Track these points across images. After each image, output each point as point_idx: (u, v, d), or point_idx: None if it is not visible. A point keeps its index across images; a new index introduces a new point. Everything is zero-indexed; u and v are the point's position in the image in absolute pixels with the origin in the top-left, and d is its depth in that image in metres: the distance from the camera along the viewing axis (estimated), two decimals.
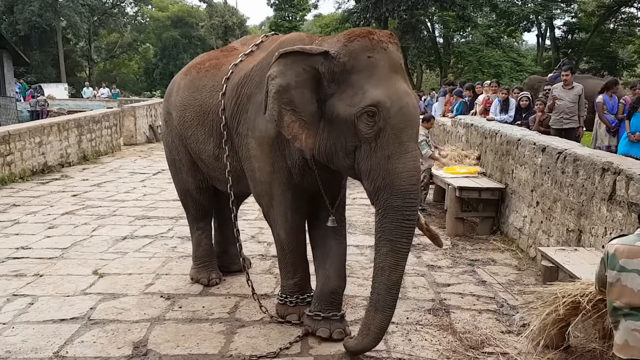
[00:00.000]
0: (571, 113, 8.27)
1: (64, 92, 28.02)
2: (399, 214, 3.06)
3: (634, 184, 3.88)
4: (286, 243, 3.77)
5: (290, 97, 3.19)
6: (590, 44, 30.62)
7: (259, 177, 3.71)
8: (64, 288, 4.56)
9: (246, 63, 3.86)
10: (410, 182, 3.05)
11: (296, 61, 3.19)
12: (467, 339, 3.75)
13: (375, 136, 3.03)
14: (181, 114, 4.32)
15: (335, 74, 3.12)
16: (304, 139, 3.22)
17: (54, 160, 10.53)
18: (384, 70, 3.07)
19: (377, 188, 3.09)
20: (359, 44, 3.10)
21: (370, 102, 3.00)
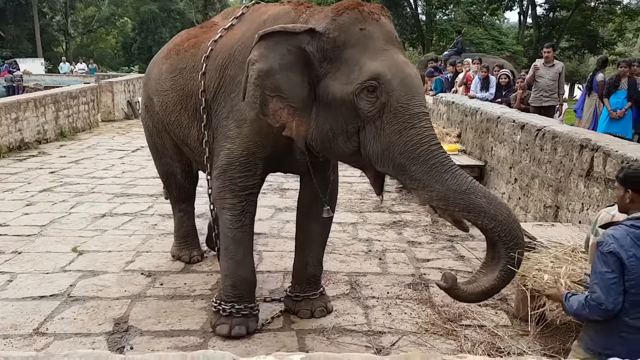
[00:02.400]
0: (551, 91, 8.34)
1: (40, 67, 27.36)
2: (441, 168, 2.68)
3: (611, 160, 3.95)
4: (232, 233, 3.41)
5: (275, 82, 2.90)
6: (571, 22, 30.72)
7: (224, 157, 3.37)
8: (43, 265, 4.52)
9: (227, 39, 3.53)
10: (433, 142, 2.73)
11: (279, 42, 2.89)
12: (446, 312, 3.83)
13: (379, 113, 2.75)
14: (163, 100, 4.05)
15: (327, 52, 2.85)
16: (295, 127, 2.94)
17: (31, 137, 10.33)
18: (379, 42, 2.82)
19: (400, 166, 2.75)
20: (349, 17, 2.85)
21: (368, 76, 2.73)
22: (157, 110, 4.20)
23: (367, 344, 3.41)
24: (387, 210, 6.45)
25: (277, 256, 4.85)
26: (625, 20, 31.65)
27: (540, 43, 27.38)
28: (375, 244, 5.24)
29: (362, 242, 5.31)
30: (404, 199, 7.06)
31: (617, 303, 2.13)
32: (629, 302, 2.14)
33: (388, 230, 5.73)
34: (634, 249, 2.12)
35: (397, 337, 3.49)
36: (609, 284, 2.13)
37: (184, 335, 3.47)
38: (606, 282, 2.14)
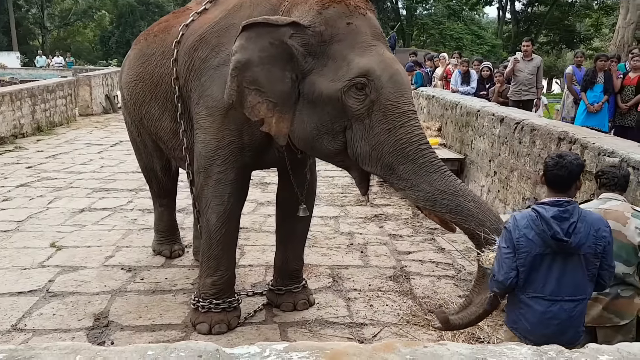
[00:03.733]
0: (530, 85, 8.42)
1: (15, 60, 26.86)
2: (430, 167, 2.63)
3: (589, 152, 4.01)
4: (215, 230, 3.30)
5: (254, 75, 2.80)
6: (549, 17, 31.13)
7: (202, 150, 3.24)
8: (21, 261, 4.45)
9: (199, 23, 3.35)
10: (423, 142, 2.68)
11: (261, 34, 2.77)
12: (426, 303, 3.87)
13: (367, 111, 2.66)
14: (132, 91, 3.87)
15: (312, 47, 2.73)
16: (275, 123, 2.83)
17: (7, 132, 10.13)
18: (367, 38, 2.74)
19: (389, 165, 2.69)
20: (335, 10, 2.74)
21: (357, 72, 2.64)
22: (129, 104, 4.05)
23: (349, 335, 3.43)
24: (369, 204, 6.47)
25: (259, 250, 4.84)
26: (601, 16, 32.14)
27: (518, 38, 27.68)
28: (357, 237, 5.26)
29: (344, 235, 5.33)
30: (385, 192, 7.09)
31: (508, 277, 2.26)
32: (522, 280, 2.27)
33: (369, 223, 5.76)
34: (526, 230, 2.23)
35: (378, 328, 3.51)
36: (503, 258, 2.28)
37: (165, 329, 3.45)
38: (501, 256, 2.30)
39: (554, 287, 2.23)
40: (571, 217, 2.20)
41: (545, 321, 2.26)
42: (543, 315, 2.26)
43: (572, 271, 2.23)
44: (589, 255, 2.22)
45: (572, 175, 2.27)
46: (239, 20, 3.05)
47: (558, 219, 2.20)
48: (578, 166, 2.29)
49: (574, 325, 2.28)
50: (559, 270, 2.24)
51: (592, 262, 2.24)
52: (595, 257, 2.24)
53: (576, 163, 2.28)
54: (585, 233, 2.20)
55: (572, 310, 2.25)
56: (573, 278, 2.24)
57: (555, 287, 2.23)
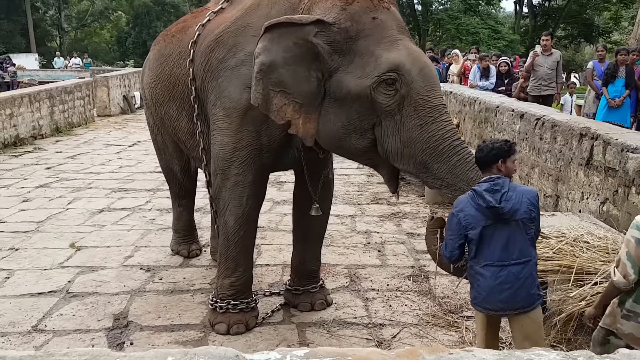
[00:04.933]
0: (549, 80, 8.28)
1: (34, 62, 27.18)
2: (465, 166, 2.63)
3: (611, 148, 3.93)
4: (233, 232, 3.28)
5: (279, 77, 2.76)
6: (567, 10, 30.65)
7: (219, 152, 3.21)
8: (41, 261, 4.49)
9: (216, 22, 3.32)
10: (455, 138, 2.67)
11: (284, 34, 2.73)
12: (446, 303, 3.82)
13: (398, 106, 2.63)
14: (152, 91, 3.89)
15: (338, 44, 2.68)
16: (302, 124, 2.80)
17: (26, 133, 10.26)
18: (393, 32, 2.70)
19: (423, 163, 2.66)
20: (359, 6, 2.70)
21: (387, 67, 2.60)
22: (150, 104, 4.07)
23: (367, 336, 3.39)
24: (385, 202, 6.42)
25: (276, 249, 4.82)
26: (620, 9, 31.57)
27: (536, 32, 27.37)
28: (374, 236, 5.22)
29: (361, 234, 5.30)
30: (402, 190, 7.03)
31: (452, 255, 2.55)
32: (474, 252, 2.50)
33: (386, 222, 5.71)
34: (467, 209, 2.47)
35: (398, 329, 3.47)
36: (448, 238, 2.57)
37: (184, 329, 3.45)
38: (447, 236, 2.58)
39: (500, 253, 2.45)
40: (502, 189, 2.45)
41: (497, 287, 2.46)
42: (495, 281, 2.46)
43: (514, 236, 2.46)
44: (525, 220, 2.46)
45: (488, 157, 2.52)
46: (257, 19, 3.04)
47: (490, 191, 2.45)
48: (494, 149, 2.52)
49: (525, 286, 2.45)
50: (502, 238, 2.46)
51: (529, 226, 2.47)
52: (531, 221, 2.47)
53: (492, 147, 2.53)
54: (517, 200, 2.44)
55: (520, 272, 2.45)
56: (516, 243, 2.46)
57: (502, 253, 2.45)
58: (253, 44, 2.92)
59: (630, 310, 2.31)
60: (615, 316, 2.38)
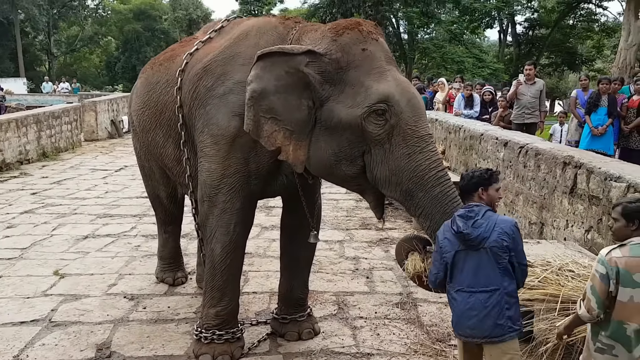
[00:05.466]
0: (532, 108, 8.43)
1: (22, 86, 27.15)
2: (444, 198, 2.69)
3: (595, 177, 3.98)
4: (219, 260, 3.24)
5: (270, 104, 2.82)
6: (550, 39, 31.34)
7: (207, 179, 3.21)
8: (24, 289, 4.41)
9: (204, 51, 3.37)
10: (440, 168, 2.74)
11: (276, 63, 2.80)
12: (434, 331, 3.80)
13: (387, 136, 2.70)
14: (139, 118, 3.91)
15: (329, 74, 2.76)
16: (292, 151, 2.84)
17: (12, 158, 10.18)
18: (382, 63, 2.78)
19: (408, 191, 2.72)
20: (349, 37, 2.78)
21: (377, 98, 2.67)
22: (138, 131, 4.08)
23: None
24: (374, 228, 6.43)
25: (264, 276, 4.79)
26: (603, 38, 32.38)
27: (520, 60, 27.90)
28: (363, 262, 5.21)
29: (349, 260, 5.28)
30: (390, 215, 7.05)
31: (436, 277, 2.61)
32: (449, 277, 2.56)
33: (375, 247, 5.71)
34: (446, 233, 2.55)
35: (386, 358, 3.44)
36: (433, 261, 2.66)
37: None
38: (432, 259, 2.67)
39: (470, 280, 2.49)
40: (476, 216, 2.50)
41: (466, 312, 2.49)
42: (465, 306, 2.50)
43: (484, 264, 2.47)
44: (496, 248, 2.45)
45: (469, 185, 2.61)
46: (245, 48, 3.09)
47: (464, 217, 2.51)
48: (475, 177, 2.61)
49: (492, 316, 2.45)
50: (473, 264, 2.49)
51: (500, 255, 2.45)
52: (502, 250, 2.45)
53: (472, 175, 2.63)
54: (487, 228, 2.46)
55: (487, 300, 2.45)
56: (485, 270, 2.47)
57: (472, 280, 2.49)
58: (241, 72, 2.97)
59: (605, 344, 2.30)
60: (590, 350, 2.38)
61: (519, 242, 2.52)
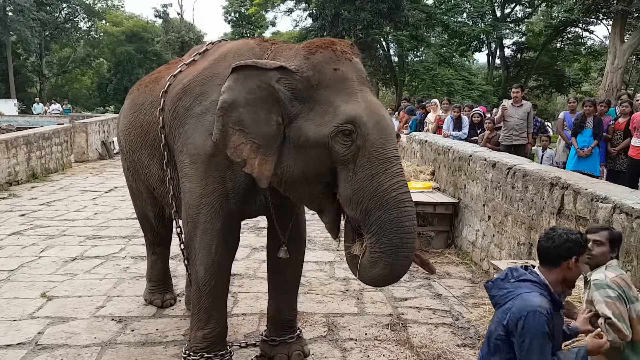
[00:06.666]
0: (520, 130, 8.54)
1: (13, 108, 27.10)
2: (399, 227, 2.65)
3: (581, 198, 4.03)
4: (204, 282, 3.23)
5: (239, 116, 2.83)
6: (538, 62, 31.84)
7: (188, 200, 3.22)
8: (10, 312, 4.36)
9: (186, 73, 3.44)
10: (401, 191, 2.68)
11: (248, 76, 2.83)
12: (424, 353, 3.79)
13: (353, 156, 2.69)
14: (126, 138, 3.98)
15: (299, 91, 2.77)
16: (257, 165, 2.83)
17: (1, 179, 10.12)
18: (353, 83, 2.77)
19: (366, 210, 2.69)
20: (322, 56, 2.79)
21: (344, 119, 2.67)
22: (125, 151, 4.14)
23: None
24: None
25: (253, 298, 4.77)
26: (590, 61, 32.96)
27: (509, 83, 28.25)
28: (353, 283, 5.20)
29: (339, 281, 5.28)
30: None
31: None
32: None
33: None
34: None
35: None
36: None
37: None
38: None
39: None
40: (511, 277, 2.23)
41: None
42: None
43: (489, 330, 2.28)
44: (493, 326, 2.23)
45: (559, 250, 2.17)
46: (223, 69, 3.12)
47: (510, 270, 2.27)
48: (569, 242, 2.15)
49: None
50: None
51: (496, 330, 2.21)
52: (499, 325, 2.19)
53: (566, 238, 2.17)
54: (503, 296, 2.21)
55: None
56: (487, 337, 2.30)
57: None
58: (218, 92, 2.98)
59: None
60: None
61: (525, 336, 2.09)
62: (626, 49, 17.09)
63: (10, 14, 34.28)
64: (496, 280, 2.26)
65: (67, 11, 41.72)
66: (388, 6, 24.56)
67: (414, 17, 26.38)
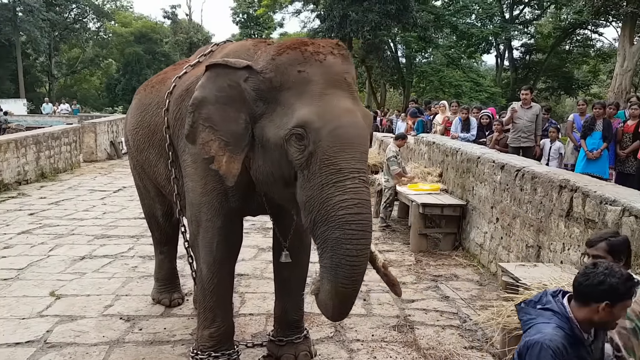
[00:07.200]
0: (529, 132, 8.51)
1: (22, 108, 27.30)
2: (338, 248, 2.50)
3: (590, 200, 4.01)
4: (207, 281, 3.26)
5: (209, 113, 2.83)
6: (547, 64, 31.72)
7: (191, 199, 3.26)
8: (19, 310, 4.40)
9: (190, 74, 3.47)
10: (350, 210, 2.50)
11: (220, 75, 2.84)
12: (432, 355, 3.79)
13: (307, 162, 2.58)
14: (134, 138, 4.06)
15: (263, 92, 2.73)
16: (225, 162, 2.82)
17: (11, 178, 10.20)
18: (318, 86, 2.63)
19: (314, 221, 2.58)
20: (288, 57, 2.68)
21: (296, 122, 2.57)
22: (132, 150, 4.20)
23: None
24: None
25: (260, 298, 4.78)
26: (599, 63, 32.78)
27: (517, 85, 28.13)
28: None
29: None
30: (387, 238, 7.06)
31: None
32: None
33: (372, 270, 5.66)
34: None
35: None
36: None
37: None
38: None
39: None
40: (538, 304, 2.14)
41: None
42: None
43: None
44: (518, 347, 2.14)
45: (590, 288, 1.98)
46: None
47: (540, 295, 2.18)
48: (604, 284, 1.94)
49: None
50: None
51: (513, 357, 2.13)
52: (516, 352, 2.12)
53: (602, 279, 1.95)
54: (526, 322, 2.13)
55: None
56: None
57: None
58: None
59: None
60: None
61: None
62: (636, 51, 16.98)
63: (20, 14, 34.53)
64: (528, 302, 2.16)
65: (77, 12, 41.98)
66: (396, 7, 24.47)
67: (422, 19, 26.29)
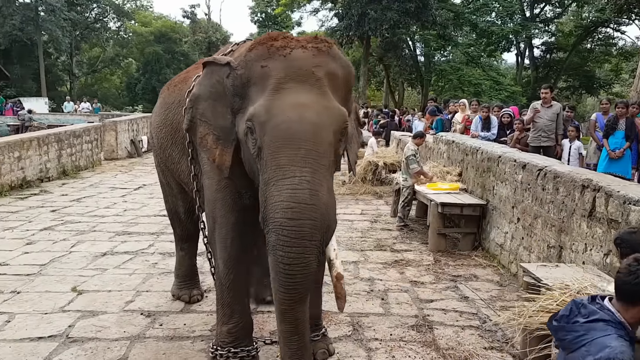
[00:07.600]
0: (549, 131, 8.39)
1: (44, 106, 27.67)
2: (273, 253, 2.50)
3: (613, 200, 3.94)
4: (224, 276, 3.30)
5: (203, 108, 3.04)
6: (568, 63, 31.32)
7: (207, 195, 3.35)
8: (42, 305, 4.47)
9: None
10: (285, 214, 2.44)
11: (213, 72, 3.02)
12: (451, 355, 3.76)
13: (257, 156, 2.65)
14: (157, 135, 4.18)
15: (237, 88, 2.83)
16: (218, 155, 2.97)
17: (33, 175, 10.37)
18: (276, 81, 2.63)
19: (262, 219, 2.59)
20: (255, 53, 2.74)
21: (248, 116, 2.68)
22: (157, 148, 4.31)
23: None
24: (389, 249, 6.41)
25: None
26: (621, 62, 32.26)
27: (538, 83, 27.82)
28: (377, 284, 5.19)
29: (364, 281, 5.26)
30: (405, 237, 7.03)
31: None
32: None
33: (390, 269, 5.68)
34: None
35: None
36: None
37: None
38: None
39: None
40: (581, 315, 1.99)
41: None
42: None
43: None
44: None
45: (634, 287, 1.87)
46: None
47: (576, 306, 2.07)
48: None
49: None
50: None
51: None
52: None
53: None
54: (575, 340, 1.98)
55: None
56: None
57: None
58: None
59: None
60: None
61: None
62: None
63: (42, 14, 35.04)
64: (560, 318, 2.02)
65: (97, 11, 42.46)
66: (415, 5, 24.36)
67: (442, 17, 26.12)
